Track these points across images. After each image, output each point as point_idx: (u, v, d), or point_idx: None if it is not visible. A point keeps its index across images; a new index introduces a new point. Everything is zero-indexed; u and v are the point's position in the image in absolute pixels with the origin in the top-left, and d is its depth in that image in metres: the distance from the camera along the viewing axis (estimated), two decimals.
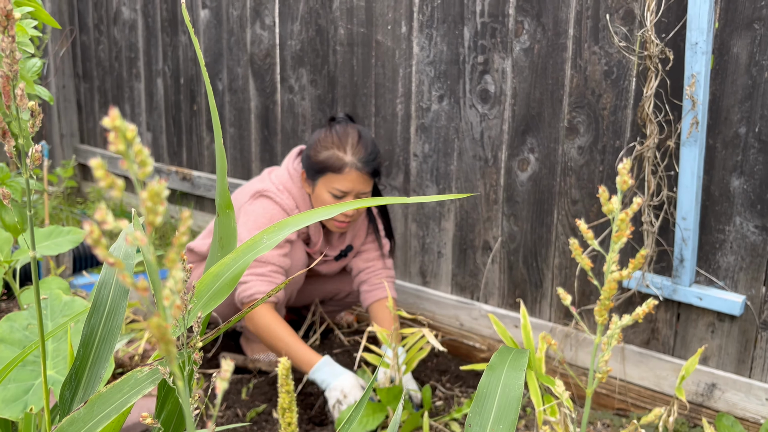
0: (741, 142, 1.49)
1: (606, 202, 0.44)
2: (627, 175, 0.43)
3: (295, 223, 0.69)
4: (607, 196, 0.45)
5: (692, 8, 1.41)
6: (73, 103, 3.48)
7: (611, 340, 0.47)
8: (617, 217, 0.43)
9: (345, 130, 1.75)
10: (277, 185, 1.82)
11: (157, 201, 0.30)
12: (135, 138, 0.30)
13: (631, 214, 0.43)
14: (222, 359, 2.02)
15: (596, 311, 0.46)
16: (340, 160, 1.71)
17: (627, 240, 1.68)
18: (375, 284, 1.94)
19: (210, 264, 0.66)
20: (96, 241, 0.28)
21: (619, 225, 0.44)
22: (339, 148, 1.72)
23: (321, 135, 1.76)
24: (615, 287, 0.45)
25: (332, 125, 1.78)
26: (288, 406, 0.44)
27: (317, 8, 2.22)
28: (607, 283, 0.46)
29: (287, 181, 1.83)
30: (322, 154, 1.73)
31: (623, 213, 0.43)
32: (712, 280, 1.59)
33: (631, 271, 0.46)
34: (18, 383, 0.95)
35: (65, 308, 1.05)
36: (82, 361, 0.57)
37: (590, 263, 0.52)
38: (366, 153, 1.73)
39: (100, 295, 0.61)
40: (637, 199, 0.42)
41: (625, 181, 0.42)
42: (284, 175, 1.85)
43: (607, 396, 1.81)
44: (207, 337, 0.63)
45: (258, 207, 1.80)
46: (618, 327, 0.46)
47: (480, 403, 0.61)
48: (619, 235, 0.44)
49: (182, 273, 0.31)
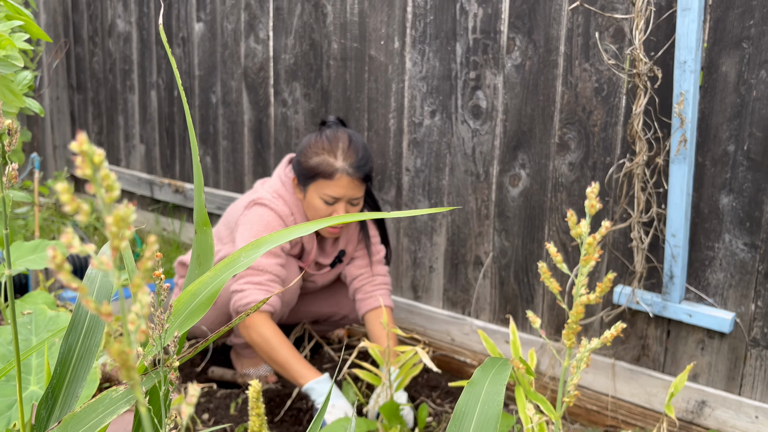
0: (730, 160, 1.50)
1: (574, 226, 0.44)
2: (595, 200, 0.43)
3: (282, 236, 0.68)
4: (575, 220, 0.45)
5: (681, 27, 1.42)
6: (66, 114, 3.47)
7: (580, 363, 0.47)
8: (585, 241, 0.43)
9: (335, 134, 1.73)
10: (270, 193, 1.81)
11: (123, 226, 0.29)
12: (102, 162, 0.30)
13: (599, 238, 0.43)
14: (210, 373, 1.99)
15: (564, 335, 0.46)
16: (330, 165, 1.69)
17: (617, 258, 1.68)
18: (369, 292, 1.91)
19: (188, 281, 0.66)
20: (59, 266, 0.28)
21: (587, 249, 0.43)
22: (330, 154, 1.70)
23: (311, 140, 1.74)
24: (582, 311, 0.45)
25: (322, 130, 1.76)
26: (258, 429, 0.44)
27: (311, 23, 2.23)
28: (575, 306, 0.45)
29: (280, 188, 1.82)
30: (313, 160, 1.71)
31: (591, 237, 0.43)
32: (702, 297, 1.59)
33: (599, 294, 0.46)
34: (2, 398, 0.94)
35: (50, 323, 1.04)
36: (59, 380, 0.57)
37: (559, 287, 0.52)
38: (357, 158, 1.70)
39: (79, 312, 0.61)
40: (605, 223, 0.42)
41: (593, 205, 0.42)
42: (276, 182, 1.84)
43: (598, 413, 1.80)
44: (193, 351, 0.62)
45: (253, 215, 1.79)
46: (587, 350, 0.46)
47: (457, 423, 0.60)
48: (587, 259, 0.44)
49: (147, 296, 0.31)
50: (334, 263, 1.93)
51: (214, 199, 2.71)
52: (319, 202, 1.72)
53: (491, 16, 1.80)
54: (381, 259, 1.95)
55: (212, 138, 2.70)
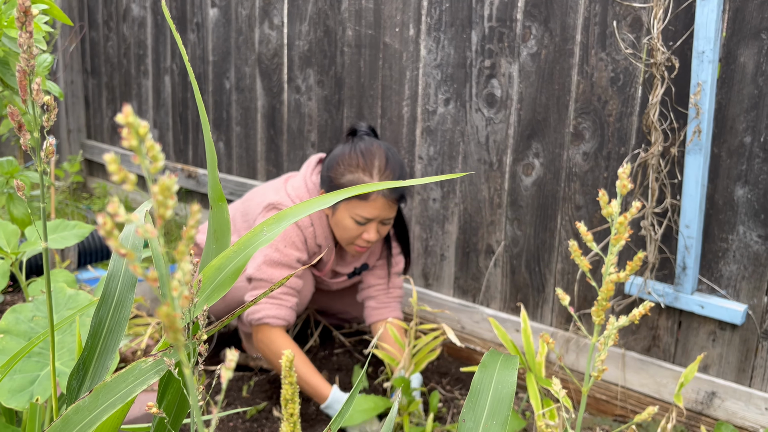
0: (746, 152, 1.50)
1: (605, 206, 0.45)
2: (626, 179, 0.44)
3: (295, 213, 0.69)
4: (607, 199, 0.45)
5: (699, 17, 1.42)
6: (80, 98, 3.49)
7: (608, 340, 0.48)
8: (616, 220, 0.44)
9: (370, 150, 1.60)
10: (293, 198, 1.72)
11: (167, 195, 0.30)
12: (147, 134, 0.31)
13: (630, 218, 0.44)
14: (222, 356, 2.02)
15: (594, 311, 0.47)
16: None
17: (629, 247, 1.69)
18: (383, 302, 1.88)
19: (206, 255, 0.67)
20: (108, 232, 0.29)
21: (618, 228, 0.44)
22: (365, 172, 1.58)
23: (344, 154, 1.61)
24: (612, 288, 0.46)
25: (355, 142, 1.63)
26: (291, 397, 0.45)
27: (326, 9, 2.23)
28: (605, 284, 0.46)
29: (304, 195, 1.72)
30: (346, 177, 1.59)
31: (622, 216, 0.44)
32: (714, 288, 1.59)
33: (629, 272, 0.47)
34: (24, 374, 0.96)
35: (69, 301, 1.06)
36: (90, 352, 0.58)
37: (589, 265, 0.52)
38: (395, 177, 1.59)
39: (109, 287, 0.62)
40: (636, 203, 0.42)
41: (625, 185, 0.43)
42: (301, 188, 1.74)
43: (607, 402, 1.81)
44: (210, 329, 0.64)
45: None
46: (615, 328, 0.47)
47: (474, 399, 0.61)
48: (618, 238, 0.45)
49: (190, 265, 0.32)
50: (352, 274, 1.88)
51: (227, 184, 2.72)
52: (350, 222, 1.62)
53: (507, 4, 1.80)
54: (399, 270, 1.91)
55: (225, 124, 2.71)
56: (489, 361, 0.69)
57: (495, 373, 0.66)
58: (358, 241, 1.67)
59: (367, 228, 1.63)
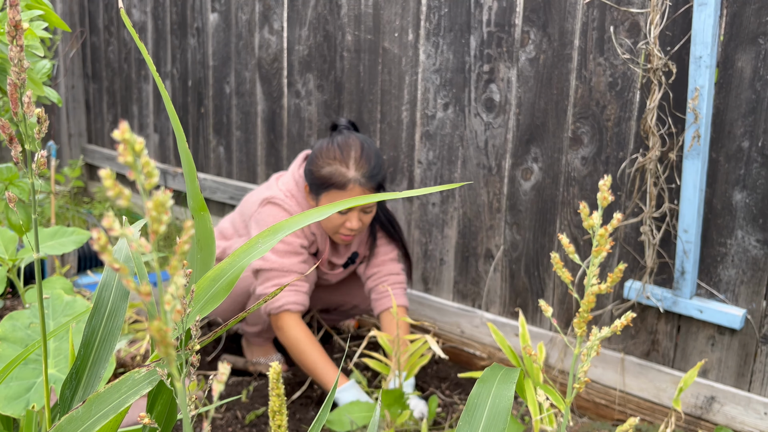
0: (744, 156, 1.50)
1: (586, 218, 0.45)
2: (607, 192, 0.44)
3: (291, 225, 0.69)
4: (588, 212, 0.45)
5: (697, 22, 1.42)
6: (81, 103, 3.50)
7: (591, 351, 0.48)
8: (597, 232, 0.44)
9: (347, 141, 1.70)
10: (284, 192, 1.82)
11: (161, 210, 0.31)
12: (143, 150, 0.31)
13: (610, 230, 0.44)
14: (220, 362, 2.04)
15: (575, 323, 0.47)
16: (343, 176, 1.66)
17: (629, 252, 1.69)
18: (382, 292, 1.91)
19: (192, 263, 0.67)
20: (103, 247, 0.29)
21: (599, 240, 0.44)
22: (341, 163, 1.67)
23: (323, 148, 1.72)
24: (593, 300, 0.46)
25: (333, 136, 1.74)
26: (278, 408, 0.45)
27: (325, 14, 2.23)
28: (586, 296, 0.46)
29: (293, 187, 1.82)
30: (325, 170, 1.68)
31: (603, 228, 0.44)
32: (713, 293, 1.59)
33: (610, 284, 0.47)
34: (20, 381, 0.96)
35: (67, 308, 1.06)
36: (83, 361, 0.58)
37: (570, 277, 0.52)
38: (369, 167, 1.68)
39: (102, 296, 0.62)
40: (617, 215, 0.42)
41: (605, 198, 0.43)
42: (290, 182, 1.83)
43: (607, 407, 1.81)
44: (205, 339, 0.64)
45: (266, 215, 1.81)
46: (597, 339, 0.47)
47: (470, 413, 0.61)
48: (599, 250, 0.45)
49: (183, 279, 0.32)
50: (347, 264, 1.95)
51: (227, 189, 2.73)
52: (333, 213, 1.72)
53: (506, 9, 1.80)
54: (394, 258, 1.95)
55: (226, 128, 2.71)
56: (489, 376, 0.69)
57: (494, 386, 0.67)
58: (342, 230, 1.76)
59: (348, 217, 1.72)
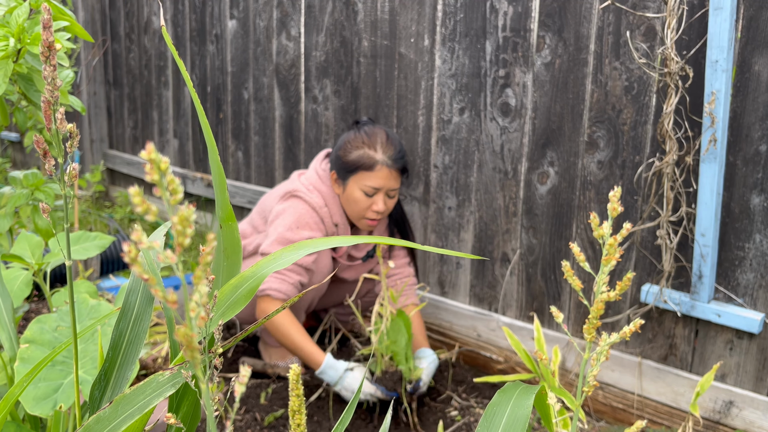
0: (762, 160, 1.49)
1: (596, 228, 0.46)
2: (617, 203, 0.45)
3: (316, 244, 0.71)
4: (598, 221, 0.47)
5: (713, 26, 1.42)
6: (103, 109, 3.56)
7: (600, 356, 0.49)
8: (607, 242, 0.45)
9: (372, 130, 1.83)
10: (306, 185, 1.90)
11: (186, 225, 0.33)
12: (168, 168, 0.33)
13: (620, 239, 0.45)
14: (241, 364, 2.06)
15: (585, 329, 0.48)
16: (371, 158, 1.78)
17: (645, 256, 1.68)
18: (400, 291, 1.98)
19: (216, 271, 0.69)
20: (133, 260, 0.31)
21: (608, 249, 0.45)
22: (370, 147, 1.80)
23: (350, 136, 1.84)
24: (602, 307, 0.47)
25: (359, 127, 1.86)
26: (298, 408, 0.47)
27: (342, 20, 2.26)
28: (595, 303, 0.47)
29: (316, 181, 1.90)
30: (353, 154, 1.80)
31: (612, 238, 0.45)
32: (731, 297, 1.59)
33: (619, 292, 0.48)
34: (48, 382, 0.99)
35: (92, 311, 1.09)
36: (111, 363, 0.61)
37: (581, 284, 0.54)
38: (395, 150, 1.81)
39: (128, 301, 0.65)
40: (626, 225, 0.44)
41: (615, 209, 0.44)
42: (313, 176, 1.92)
43: (624, 411, 1.81)
44: (226, 344, 0.66)
45: (288, 207, 1.87)
46: (606, 344, 0.48)
47: (489, 419, 0.63)
48: (608, 259, 0.46)
49: (206, 287, 0.34)
50: (365, 258, 2.00)
51: (245, 193, 2.76)
52: (360, 194, 1.81)
53: (521, 14, 1.81)
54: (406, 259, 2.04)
55: (244, 133, 2.75)
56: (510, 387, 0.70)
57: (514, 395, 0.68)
58: (368, 213, 1.85)
59: (375, 199, 1.82)
